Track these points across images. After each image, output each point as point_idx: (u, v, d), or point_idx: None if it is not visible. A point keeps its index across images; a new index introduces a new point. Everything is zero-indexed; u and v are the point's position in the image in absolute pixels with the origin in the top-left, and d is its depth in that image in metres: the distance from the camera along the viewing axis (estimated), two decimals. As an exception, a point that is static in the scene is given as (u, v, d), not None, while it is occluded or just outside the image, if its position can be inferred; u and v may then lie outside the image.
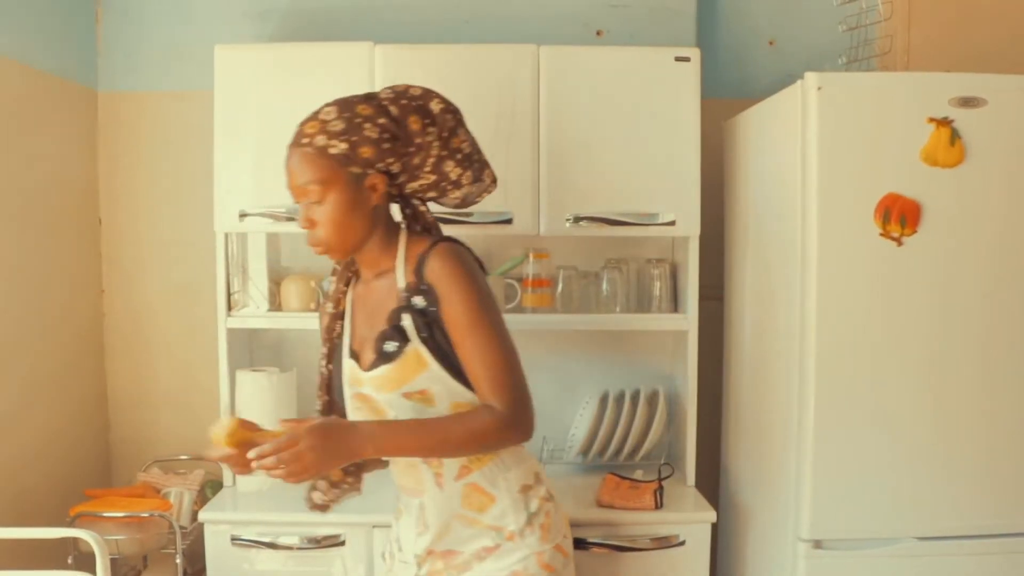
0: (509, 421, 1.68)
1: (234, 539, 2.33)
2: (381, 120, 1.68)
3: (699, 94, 2.47)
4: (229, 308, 2.51)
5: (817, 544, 2.17)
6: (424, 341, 1.70)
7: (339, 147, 1.66)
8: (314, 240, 1.73)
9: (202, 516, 2.34)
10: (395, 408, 1.74)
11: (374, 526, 2.33)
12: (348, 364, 1.80)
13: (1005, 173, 2.13)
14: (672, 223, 2.49)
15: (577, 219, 2.47)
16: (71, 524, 2.30)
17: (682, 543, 2.35)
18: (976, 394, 2.16)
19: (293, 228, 2.47)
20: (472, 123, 2.42)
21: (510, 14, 2.77)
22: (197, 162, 2.73)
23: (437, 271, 1.72)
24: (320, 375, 1.86)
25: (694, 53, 2.47)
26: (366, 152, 1.67)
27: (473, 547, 1.80)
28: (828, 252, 2.13)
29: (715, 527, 2.39)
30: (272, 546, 2.34)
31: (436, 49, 2.48)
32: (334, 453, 1.60)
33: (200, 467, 2.71)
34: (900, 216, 2.12)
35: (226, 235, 2.51)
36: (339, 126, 1.66)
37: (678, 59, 2.47)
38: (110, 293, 2.83)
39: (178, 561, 2.36)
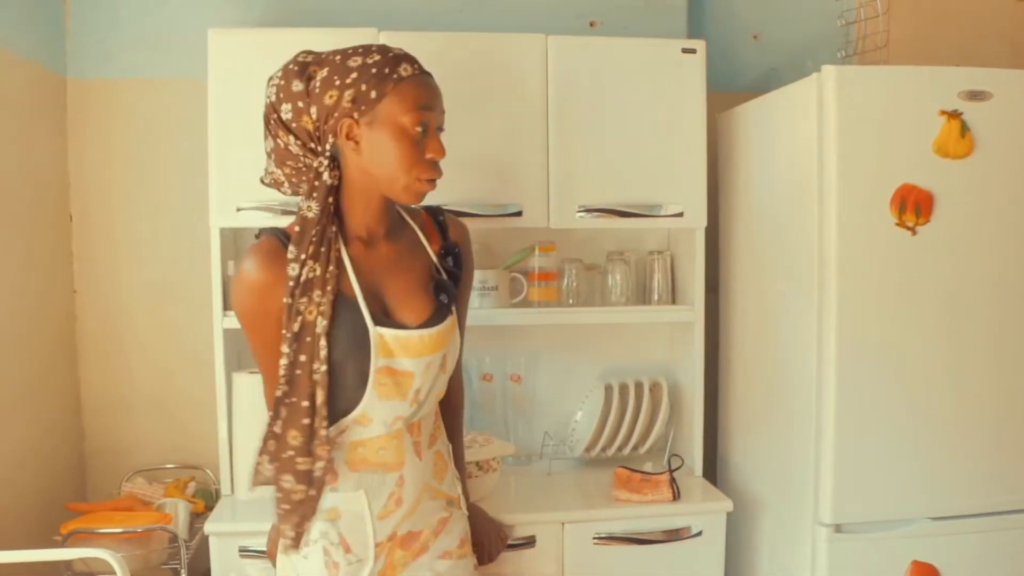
0: None
1: (242, 551, 2.22)
2: None
3: (704, 86, 2.48)
4: (225, 307, 2.39)
5: (837, 528, 2.21)
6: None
7: None
8: (440, 171, 1.67)
9: (208, 528, 2.22)
10: (423, 377, 1.68)
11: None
12: (378, 333, 1.62)
13: (1012, 164, 2.21)
14: (680, 215, 2.49)
15: (587, 211, 2.45)
16: (64, 543, 2.14)
17: (699, 533, 2.35)
18: (988, 375, 2.24)
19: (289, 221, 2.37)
20: (479, 113, 2.40)
21: (505, 3, 2.72)
22: (177, 154, 2.61)
23: (463, 235, 1.85)
24: (317, 371, 1.57)
25: (700, 45, 2.48)
26: None
27: (432, 521, 1.78)
28: (847, 242, 2.16)
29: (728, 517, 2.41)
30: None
31: (442, 37, 2.40)
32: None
33: (188, 474, 2.57)
34: (915, 206, 2.18)
35: (220, 230, 2.38)
36: None
37: (685, 51, 2.47)
38: (83, 294, 2.64)
39: (184, 576, 2.23)
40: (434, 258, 1.76)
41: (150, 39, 2.61)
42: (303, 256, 1.57)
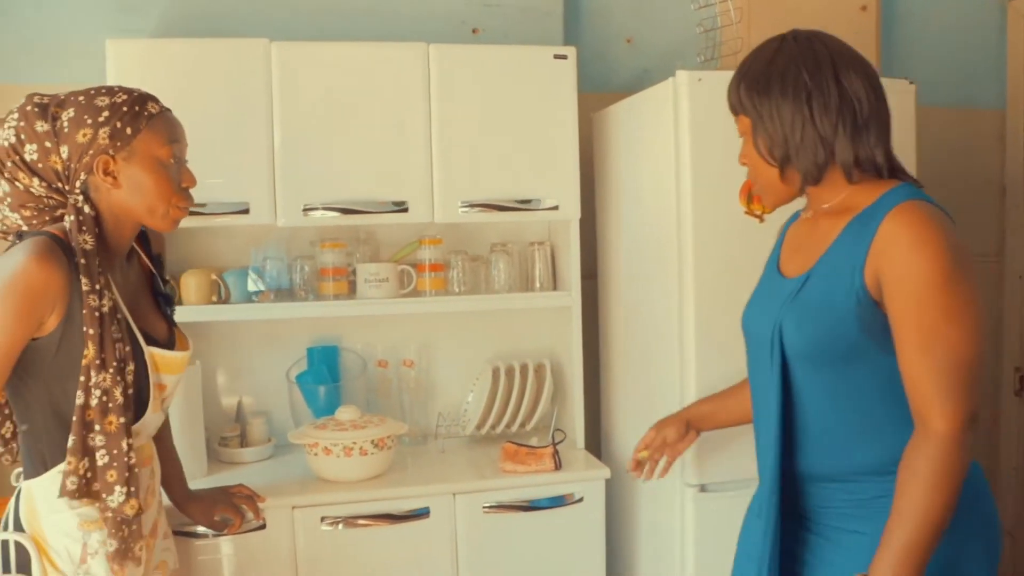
0: None
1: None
2: None
3: (576, 89, 2.69)
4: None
5: (702, 488, 2.45)
6: None
7: None
8: (193, 199, 1.83)
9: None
10: (173, 388, 1.85)
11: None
12: (150, 351, 1.76)
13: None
14: (555, 208, 2.70)
15: (469, 206, 2.64)
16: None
17: (580, 500, 2.57)
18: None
19: (195, 223, 2.50)
20: (368, 118, 2.56)
21: (391, 12, 2.89)
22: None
23: (163, 244, 2.02)
24: (124, 386, 1.66)
25: (571, 51, 2.68)
26: None
27: (155, 503, 1.91)
28: (702, 231, 2.39)
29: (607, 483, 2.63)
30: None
31: (333, 47, 2.57)
32: None
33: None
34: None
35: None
36: None
37: (556, 57, 2.67)
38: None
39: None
40: (153, 271, 1.92)
41: (42, 45, 2.69)
42: (98, 287, 1.63)
